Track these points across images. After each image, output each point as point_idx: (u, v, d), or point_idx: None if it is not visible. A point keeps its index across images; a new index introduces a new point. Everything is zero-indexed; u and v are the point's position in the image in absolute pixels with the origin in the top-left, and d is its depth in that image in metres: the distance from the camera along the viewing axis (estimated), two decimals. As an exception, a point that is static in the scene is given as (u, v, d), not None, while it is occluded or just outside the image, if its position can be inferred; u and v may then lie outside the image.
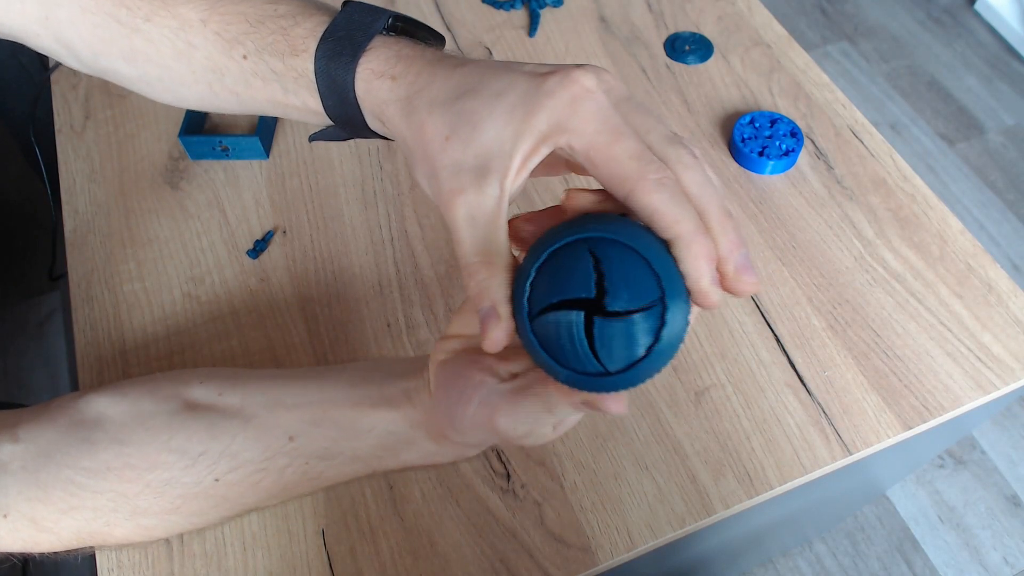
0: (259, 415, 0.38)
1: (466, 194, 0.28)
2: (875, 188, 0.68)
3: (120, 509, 0.37)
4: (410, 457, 0.37)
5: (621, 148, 0.27)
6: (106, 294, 0.62)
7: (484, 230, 0.28)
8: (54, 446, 0.37)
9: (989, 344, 0.59)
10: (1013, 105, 1.90)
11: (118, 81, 0.42)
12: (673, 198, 0.27)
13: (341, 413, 0.37)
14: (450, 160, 0.29)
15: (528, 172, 0.29)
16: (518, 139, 0.28)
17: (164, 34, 0.38)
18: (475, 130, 0.29)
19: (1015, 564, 1.27)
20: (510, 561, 0.50)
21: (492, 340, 0.28)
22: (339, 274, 0.63)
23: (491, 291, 0.28)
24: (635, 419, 0.55)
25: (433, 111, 0.30)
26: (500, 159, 0.28)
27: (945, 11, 2.13)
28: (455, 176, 0.29)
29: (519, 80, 0.29)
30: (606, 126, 0.28)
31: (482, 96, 0.29)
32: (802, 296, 0.61)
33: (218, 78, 0.38)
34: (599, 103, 0.28)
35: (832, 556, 1.28)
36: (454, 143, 0.29)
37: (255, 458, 0.37)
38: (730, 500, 0.52)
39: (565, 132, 0.28)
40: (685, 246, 0.26)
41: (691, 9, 0.82)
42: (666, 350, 0.26)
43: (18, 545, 0.37)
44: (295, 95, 0.37)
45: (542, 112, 0.28)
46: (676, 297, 0.26)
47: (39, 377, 1.49)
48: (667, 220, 0.26)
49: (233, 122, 0.73)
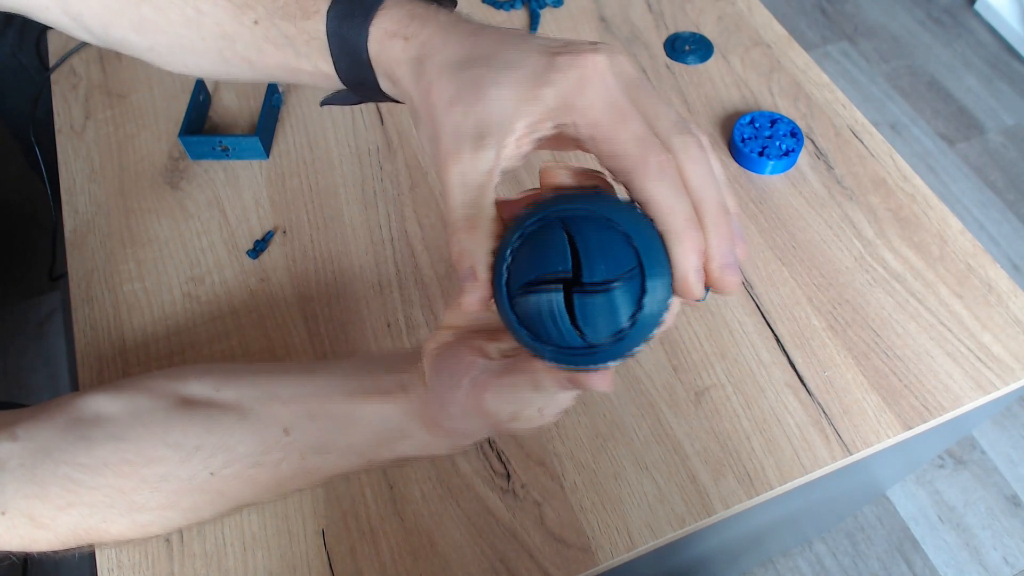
0: (255, 409, 0.38)
1: (462, 157, 0.28)
2: (875, 188, 0.68)
3: (116, 505, 0.37)
4: (405, 448, 0.37)
5: (625, 131, 0.27)
6: (106, 294, 0.62)
7: (473, 194, 0.28)
8: (52, 443, 0.37)
9: (989, 344, 0.59)
10: (1013, 105, 1.90)
11: (129, 52, 0.42)
12: (671, 187, 0.27)
13: (336, 405, 0.37)
14: (452, 123, 0.29)
15: (530, 145, 0.29)
16: (521, 110, 0.28)
17: (172, 1, 0.38)
18: (480, 97, 0.29)
19: (1015, 564, 1.27)
20: (510, 561, 0.50)
21: (469, 301, 0.28)
22: (339, 274, 0.63)
23: (472, 254, 0.28)
24: (635, 419, 0.55)
25: (443, 74, 0.30)
26: (500, 127, 0.28)
27: (945, 11, 2.12)
28: (454, 139, 0.29)
29: (531, 54, 0.29)
30: (612, 108, 0.28)
31: (493, 64, 0.29)
32: (802, 296, 0.61)
33: (229, 44, 0.38)
34: (607, 84, 0.28)
35: (832, 556, 1.28)
36: (457, 107, 0.29)
37: (251, 452, 0.37)
38: (730, 500, 0.52)
39: (571, 111, 0.28)
40: (676, 238, 0.26)
41: (691, 9, 0.82)
42: (649, 320, 0.26)
43: (16, 543, 0.37)
44: (307, 59, 0.37)
45: (549, 88, 0.28)
46: (656, 266, 0.26)
47: (39, 377, 1.49)
48: (662, 209, 0.26)
49: (233, 122, 0.73)
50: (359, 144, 0.71)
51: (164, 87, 0.75)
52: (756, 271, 0.63)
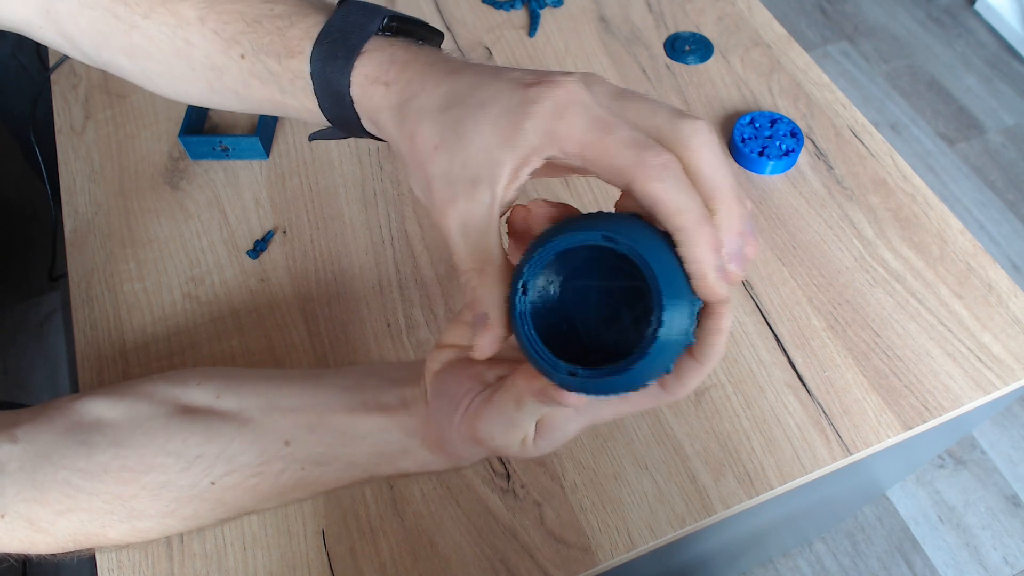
0: (255, 418, 0.38)
1: (458, 203, 0.28)
2: (875, 188, 0.68)
3: (116, 511, 0.37)
4: (406, 464, 0.37)
5: (613, 139, 0.26)
6: (106, 294, 0.62)
7: (476, 238, 0.28)
8: (52, 448, 0.37)
9: (989, 344, 0.59)
10: (1013, 105, 1.90)
11: (121, 75, 0.42)
12: (675, 185, 0.25)
13: (336, 419, 0.37)
14: (440, 170, 0.29)
15: (521, 182, 0.28)
16: (505, 152, 0.28)
17: (162, 31, 0.38)
18: (461, 141, 0.28)
19: (1015, 564, 1.27)
20: (510, 561, 0.50)
21: (480, 347, 0.28)
22: (339, 274, 0.63)
23: (483, 299, 0.28)
24: (635, 419, 0.55)
25: (423, 120, 0.30)
26: (489, 169, 0.28)
27: (945, 11, 2.12)
28: (447, 186, 0.29)
29: (504, 90, 0.29)
30: (594, 123, 0.27)
31: (468, 106, 0.29)
32: (802, 296, 0.61)
33: (217, 76, 0.38)
34: (585, 105, 0.27)
35: (832, 556, 1.28)
36: (442, 153, 0.29)
37: (251, 462, 0.37)
38: (730, 500, 0.52)
39: (555, 140, 0.27)
40: (687, 238, 0.25)
41: (691, 9, 0.82)
42: (665, 350, 0.26)
43: (15, 546, 0.37)
44: (292, 96, 0.36)
45: (528, 123, 0.28)
46: (673, 297, 0.25)
47: (39, 377, 1.49)
48: (669, 210, 0.25)
49: (233, 122, 0.73)
50: (359, 144, 0.71)
51: (164, 87, 0.75)
52: (756, 271, 0.63)
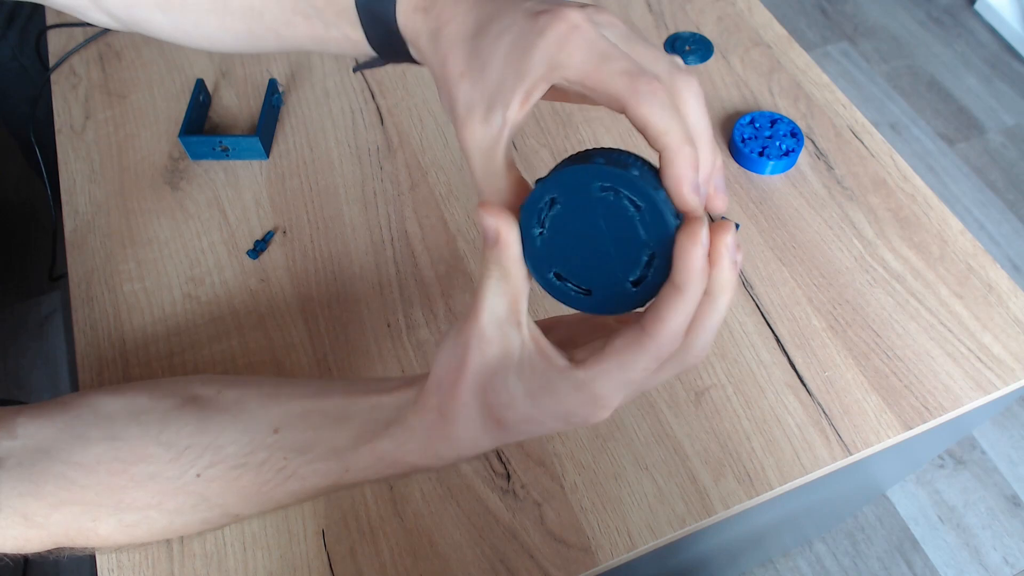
0: (250, 408, 0.38)
1: (474, 126, 0.31)
2: (875, 188, 0.68)
3: (105, 503, 0.37)
4: (387, 447, 0.36)
5: (610, 67, 0.29)
6: (106, 294, 0.62)
7: (488, 157, 0.31)
8: (50, 443, 0.37)
9: (989, 344, 0.59)
10: (1013, 105, 1.90)
11: (151, 32, 0.42)
12: (662, 109, 0.28)
13: (332, 401, 0.38)
14: (464, 95, 0.31)
15: (531, 105, 0.31)
16: (517, 81, 0.30)
17: None
18: (483, 70, 0.31)
19: (1015, 564, 1.27)
20: (510, 561, 0.50)
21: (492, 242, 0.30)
22: (339, 274, 0.63)
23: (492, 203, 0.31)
24: (635, 419, 0.55)
25: (453, 47, 0.33)
26: (502, 96, 0.30)
27: (945, 11, 2.13)
28: (467, 110, 0.31)
29: (517, 20, 0.31)
30: (594, 52, 0.29)
31: (489, 35, 0.31)
32: (802, 296, 0.61)
33: (257, 17, 0.39)
34: (587, 35, 0.30)
35: (832, 556, 1.28)
36: (467, 80, 0.31)
37: (237, 452, 0.37)
38: (730, 500, 0.52)
39: (558, 68, 0.29)
40: (670, 155, 0.28)
41: (691, 9, 0.82)
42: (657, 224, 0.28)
43: (10, 544, 0.37)
44: (337, 28, 0.38)
45: (535, 52, 0.30)
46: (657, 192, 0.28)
47: (39, 377, 1.49)
48: (656, 130, 0.28)
49: (233, 122, 0.73)
50: (359, 144, 0.71)
51: (164, 87, 0.75)
52: (756, 271, 0.63)
